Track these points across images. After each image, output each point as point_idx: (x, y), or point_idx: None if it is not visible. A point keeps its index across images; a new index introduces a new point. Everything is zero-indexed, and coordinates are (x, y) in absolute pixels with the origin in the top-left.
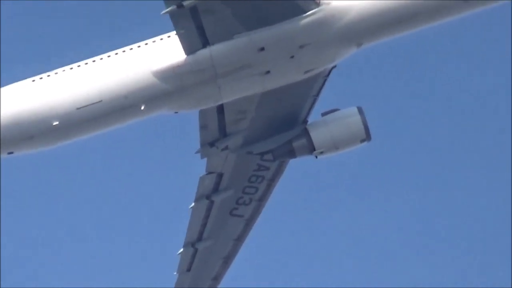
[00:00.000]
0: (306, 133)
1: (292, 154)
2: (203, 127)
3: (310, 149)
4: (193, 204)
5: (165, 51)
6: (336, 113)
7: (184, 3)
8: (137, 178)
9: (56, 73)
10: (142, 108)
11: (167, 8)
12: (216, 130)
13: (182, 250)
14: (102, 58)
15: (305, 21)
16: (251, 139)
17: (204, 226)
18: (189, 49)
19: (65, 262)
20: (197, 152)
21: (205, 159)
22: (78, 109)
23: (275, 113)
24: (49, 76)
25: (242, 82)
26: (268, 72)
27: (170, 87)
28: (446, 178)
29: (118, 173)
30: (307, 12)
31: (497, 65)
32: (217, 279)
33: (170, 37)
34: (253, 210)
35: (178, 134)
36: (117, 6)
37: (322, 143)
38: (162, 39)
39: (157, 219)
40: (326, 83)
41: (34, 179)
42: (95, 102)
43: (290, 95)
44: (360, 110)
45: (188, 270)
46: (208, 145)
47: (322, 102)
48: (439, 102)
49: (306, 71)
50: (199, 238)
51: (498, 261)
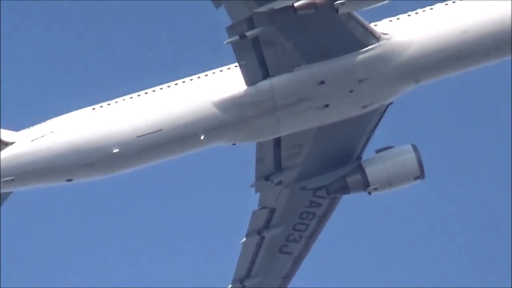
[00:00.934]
0: (360, 169)
1: (346, 190)
2: (259, 160)
3: (365, 185)
4: (244, 239)
5: (225, 82)
6: (390, 150)
7: (247, 34)
8: (190, 209)
9: (116, 101)
10: (202, 138)
11: (230, 38)
12: (271, 163)
13: (230, 286)
14: (162, 88)
15: (364, 55)
16: (306, 175)
17: (253, 262)
18: (250, 80)
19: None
20: (251, 185)
21: (258, 194)
22: (138, 137)
23: (331, 148)
24: (109, 104)
25: (301, 115)
26: (327, 105)
27: (229, 118)
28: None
29: (173, 203)
30: (367, 46)
31: None
32: None
33: (230, 68)
34: (302, 248)
35: (235, 167)
36: (178, 36)
37: (376, 179)
38: (222, 71)
39: (208, 253)
40: (382, 120)
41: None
42: (156, 131)
43: (346, 131)
44: (414, 147)
45: None
46: (263, 178)
47: (376, 139)
48: (495, 143)
49: (364, 106)
50: (248, 275)
51: (498, 261)
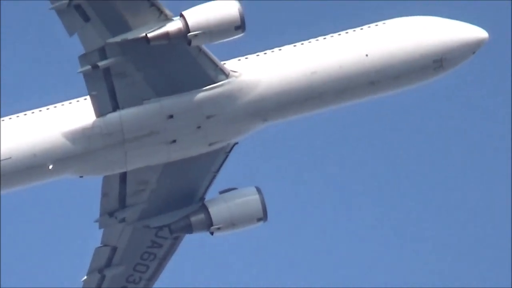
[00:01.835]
0: (204, 208)
1: (189, 229)
2: (105, 195)
3: (208, 224)
4: (85, 277)
5: (76, 113)
6: (234, 191)
7: (99, 64)
8: (34, 241)
9: None
10: (50, 167)
11: (82, 68)
12: (116, 199)
13: None
14: (18, 117)
15: (213, 91)
16: (149, 213)
17: None
18: (99, 111)
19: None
20: (96, 221)
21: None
22: None
23: (175, 187)
24: None
25: (148, 149)
26: (174, 141)
27: (78, 149)
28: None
29: (19, 234)
30: (216, 83)
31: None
32: None
33: (85, 100)
34: None
35: (82, 201)
36: (32, 64)
37: (220, 219)
38: (73, 102)
39: None
40: (227, 160)
41: None
42: (5, 159)
43: (191, 169)
44: (258, 189)
45: None
46: (107, 214)
47: (219, 181)
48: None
49: (211, 144)
50: None
51: (498, 261)
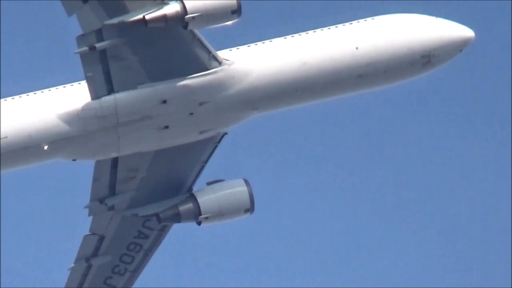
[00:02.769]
0: (193, 198)
1: (177, 218)
2: (96, 180)
3: (196, 214)
4: (72, 265)
5: (72, 96)
6: (222, 183)
7: (96, 46)
8: (24, 225)
9: None
10: (45, 148)
11: (80, 48)
12: (106, 186)
13: None
14: (14, 98)
15: (206, 78)
16: (138, 202)
17: None
18: (94, 94)
19: None
20: (86, 207)
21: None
22: None
23: (164, 176)
24: None
25: (141, 134)
26: (166, 127)
27: (72, 131)
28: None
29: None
30: (210, 70)
31: None
32: None
33: (79, 84)
34: (125, 282)
35: (74, 186)
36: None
37: (208, 209)
38: (69, 86)
39: (36, 277)
40: (216, 151)
41: None
42: (2, 138)
43: (181, 159)
44: (246, 181)
45: None
46: (97, 201)
47: (206, 172)
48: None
49: (202, 131)
50: None
51: (498, 261)
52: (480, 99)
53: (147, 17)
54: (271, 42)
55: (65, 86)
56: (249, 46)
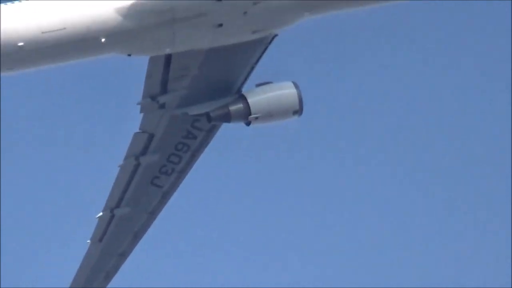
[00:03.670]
0: (243, 98)
1: (227, 117)
2: (149, 77)
3: (246, 114)
4: (122, 162)
5: None
6: (271, 84)
7: None
8: (73, 121)
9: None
10: (103, 41)
11: None
12: (158, 83)
13: (101, 214)
14: None
15: None
16: (188, 101)
17: (125, 192)
18: None
19: None
20: (138, 103)
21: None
22: (43, 33)
23: (215, 75)
24: (12, 3)
25: (195, 31)
26: (220, 25)
27: (130, 24)
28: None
29: (60, 110)
30: None
31: None
32: (123, 255)
33: None
34: (172, 183)
35: (127, 82)
36: None
37: (258, 109)
38: None
39: (85, 174)
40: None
41: None
42: (59, 29)
43: (232, 58)
44: (295, 84)
45: (100, 240)
46: (149, 97)
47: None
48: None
49: (254, 31)
50: (118, 204)
51: (498, 261)
52: (480, 99)
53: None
54: None
55: None
56: None
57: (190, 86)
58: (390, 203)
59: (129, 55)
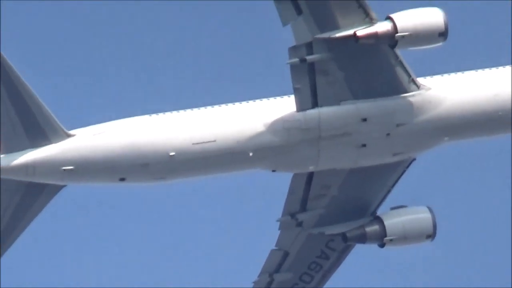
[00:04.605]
0: (379, 220)
1: (362, 238)
2: (291, 194)
3: (382, 235)
4: (257, 278)
5: (278, 107)
6: (406, 208)
7: (307, 58)
8: (213, 233)
9: (177, 112)
10: (250, 154)
11: (291, 59)
12: (299, 201)
13: None
14: (220, 106)
15: (406, 100)
16: (324, 221)
17: None
18: (300, 106)
19: None
20: (278, 220)
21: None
22: (194, 144)
23: (353, 196)
24: (165, 114)
25: (339, 150)
26: (364, 145)
27: (277, 140)
28: None
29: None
30: (409, 92)
31: None
32: None
33: (281, 97)
34: None
35: (267, 198)
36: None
37: (394, 231)
38: (275, 99)
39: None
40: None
41: None
42: (210, 141)
43: (371, 180)
44: (430, 209)
45: None
46: (289, 215)
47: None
48: None
49: (395, 154)
50: None
51: (498, 261)
52: None
53: (359, 33)
54: (463, 73)
55: (268, 99)
56: (442, 75)
57: (328, 206)
58: None
59: (273, 171)
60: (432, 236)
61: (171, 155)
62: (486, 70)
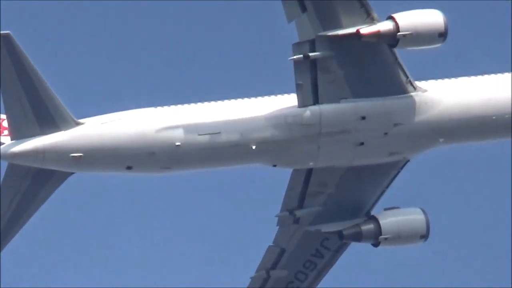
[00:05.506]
0: (374, 220)
1: (358, 237)
2: (290, 189)
3: (376, 234)
4: (254, 274)
5: (280, 103)
6: (399, 209)
7: (310, 55)
8: (212, 226)
9: (183, 106)
10: (253, 147)
11: (295, 55)
12: (297, 197)
13: None
14: (223, 101)
15: (403, 100)
16: (321, 218)
17: None
18: (302, 102)
19: None
20: (276, 215)
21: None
22: (199, 135)
23: (349, 195)
24: (171, 106)
25: (338, 147)
26: (362, 143)
27: (279, 135)
28: None
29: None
30: (407, 93)
31: None
32: None
33: (283, 96)
34: None
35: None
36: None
37: (388, 230)
38: (276, 96)
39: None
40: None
41: None
42: (215, 133)
43: (367, 179)
44: (423, 210)
45: None
46: (287, 211)
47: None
48: None
49: (392, 153)
50: None
51: (498, 261)
52: None
53: (362, 31)
54: (457, 79)
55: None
56: (436, 80)
57: (324, 204)
58: None
59: (274, 166)
60: (425, 236)
61: (177, 145)
62: (484, 75)
